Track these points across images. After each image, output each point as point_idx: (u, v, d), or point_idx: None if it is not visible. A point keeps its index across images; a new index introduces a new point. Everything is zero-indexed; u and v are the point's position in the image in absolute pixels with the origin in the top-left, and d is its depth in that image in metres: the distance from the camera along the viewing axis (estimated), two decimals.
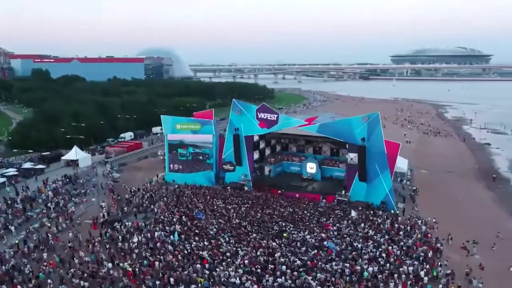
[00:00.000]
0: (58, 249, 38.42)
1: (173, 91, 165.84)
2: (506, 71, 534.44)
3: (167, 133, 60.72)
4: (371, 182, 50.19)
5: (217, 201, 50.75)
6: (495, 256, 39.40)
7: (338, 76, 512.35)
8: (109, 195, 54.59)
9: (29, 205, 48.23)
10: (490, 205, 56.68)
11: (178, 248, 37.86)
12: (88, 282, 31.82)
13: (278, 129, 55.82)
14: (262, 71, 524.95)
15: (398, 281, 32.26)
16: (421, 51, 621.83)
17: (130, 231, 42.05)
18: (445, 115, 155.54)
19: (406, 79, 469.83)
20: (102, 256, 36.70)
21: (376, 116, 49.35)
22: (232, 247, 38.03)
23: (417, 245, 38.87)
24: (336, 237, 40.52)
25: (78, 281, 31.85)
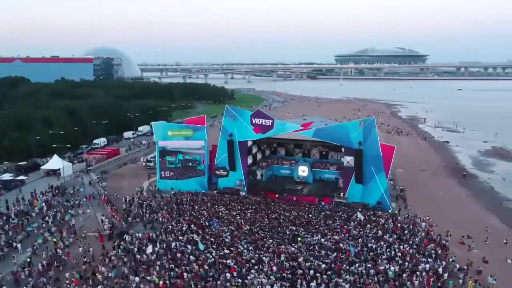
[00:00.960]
0: (74, 265, 37.15)
1: (131, 93, 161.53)
2: (441, 70, 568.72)
3: (158, 140, 59.94)
4: (367, 184, 52.58)
5: (220, 208, 51.03)
6: (489, 250, 42.59)
7: (286, 75, 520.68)
8: (104, 205, 53.17)
9: (26, 220, 46.01)
10: (468, 201, 60.98)
11: (200, 257, 37.93)
12: None
13: (273, 134, 56.94)
14: (209, 71, 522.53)
15: (420, 278, 34.41)
16: (363, 51, 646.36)
17: (143, 242, 41.45)
18: (399, 114, 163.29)
19: (352, 79, 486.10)
20: (124, 270, 36.07)
21: (372, 121, 51.81)
22: (254, 254, 38.66)
23: (424, 243, 41.50)
24: (348, 238, 42.31)
25: None
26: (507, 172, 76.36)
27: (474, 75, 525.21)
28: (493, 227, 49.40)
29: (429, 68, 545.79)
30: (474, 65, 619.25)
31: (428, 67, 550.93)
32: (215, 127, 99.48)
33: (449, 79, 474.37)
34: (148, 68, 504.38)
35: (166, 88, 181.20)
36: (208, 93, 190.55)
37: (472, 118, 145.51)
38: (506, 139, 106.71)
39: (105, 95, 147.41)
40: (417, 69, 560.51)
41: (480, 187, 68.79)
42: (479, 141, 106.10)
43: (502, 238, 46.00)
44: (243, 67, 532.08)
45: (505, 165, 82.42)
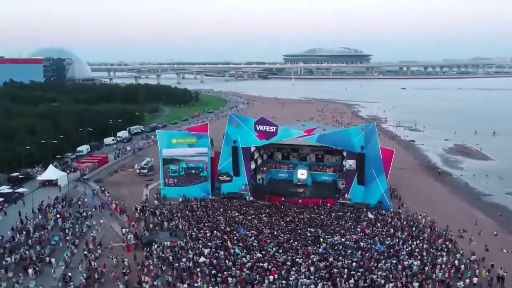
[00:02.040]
0: (116, 277, 37.78)
1: (95, 97, 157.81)
2: (385, 69, 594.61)
3: (162, 148, 60.72)
4: (368, 185, 56.52)
5: (234, 213, 52.94)
6: (485, 241, 47.55)
7: (237, 75, 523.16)
8: (116, 215, 53.44)
9: (47, 233, 45.70)
10: (450, 197, 66.76)
11: (237, 262, 39.85)
12: None
13: (278, 140, 59.54)
14: (159, 70, 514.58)
15: (442, 271, 38.41)
16: (311, 51, 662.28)
17: (174, 250, 42.66)
18: (360, 114, 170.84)
19: (302, 78, 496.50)
20: (168, 278, 37.33)
21: (373, 127, 55.87)
22: (287, 256, 41.09)
23: (433, 238, 45.83)
24: (365, 237, 45.79)
25: None
26: (475, 169, 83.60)
27: (415, 74, 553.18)
28: (481, 221, 54.92)
29: (374, 67, 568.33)
30: (415, 65, 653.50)
31: (374, 67, 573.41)
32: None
33: (393, 78, 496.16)
34: (94, 68, 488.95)
35: (130, 91, 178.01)
36: (174, 95, 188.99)
37: (426, 116, 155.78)
38: (463, 137, 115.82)
39: (68, 99, 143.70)
40: (363, 68, 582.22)
41: (456, 183, 75.15)
42: (441, 140, 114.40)
43: (491, 230, 51.53)
44: (194, 67, 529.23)
45: (471, 162, 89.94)
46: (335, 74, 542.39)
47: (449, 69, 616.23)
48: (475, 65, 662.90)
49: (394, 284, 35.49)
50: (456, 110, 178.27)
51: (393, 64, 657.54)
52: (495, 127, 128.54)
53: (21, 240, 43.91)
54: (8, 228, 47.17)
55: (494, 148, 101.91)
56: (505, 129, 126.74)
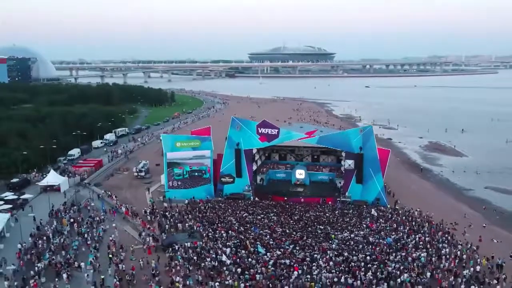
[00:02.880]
0: (147, 279, 39.25)
1: (68, 98, 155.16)
2: (349, 67, 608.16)
3: (167, 151, 62.05)
4: (366, 183, 60.10)
5: (243, 213, 55.20)
6: (476, 233, 52.04)
7: (204, 74, 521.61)
8: (127, 218, 54.54)
9: (67, 239, 46.51)
10: (435, 192, 71.55)
11: (260, 260, 42.25)
12: None
13: (279, 142, 62.16)
14: (122, 69, 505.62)
15: (448, 261, 42.24)
16: (276, 50, 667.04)
17: (197, 251, 44.53)
18: (334, 113, 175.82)
19: (270, 77, 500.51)
20: (199, 278, 39.28)
21: (370, 129, 59.55)
22: (305, 252, 43.84)
23: (433, 231, 49.81)
24: (371, 233, 49.21)
25: None
26: (452, 165, 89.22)
27: (378, 72, 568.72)
28: (469, 214, 59.60)
29: (339, 66, 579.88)
30: (377, 63, 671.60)
31: (338, 65, 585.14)
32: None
33: (356, 76, 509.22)
34: (55, 66, 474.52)
35: (104, 91, 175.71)
36: (147, 95, 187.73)
37: (396, 114, 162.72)
38: (436, 135, 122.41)
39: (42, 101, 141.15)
40: (328, 66, 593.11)
41: (438, 179, 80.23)
42: (415, 137, 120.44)
43: (479, 222, 56.22)
44: (160, 66, 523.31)
45: (448, 159, 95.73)
46: (301, 72, 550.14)
47: (409, 67, 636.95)
48: (433, 63, 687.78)
49: (409, 275, 38.89)
50: (420, 108, 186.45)
51: (357, 63, 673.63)
52: (461, 124, 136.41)
53: (44, 246, 44.53)
54: (24, 234, 47.59)
55: (465, 145, 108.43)
56: (471, 126, 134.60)
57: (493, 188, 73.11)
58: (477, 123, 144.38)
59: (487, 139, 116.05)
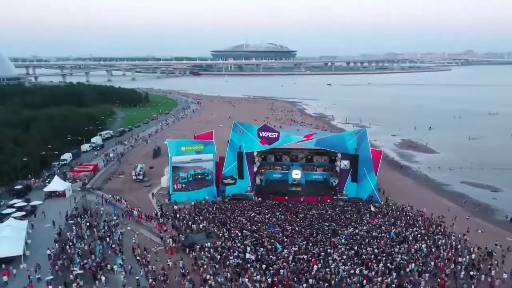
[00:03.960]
0: (180, 279, 41.95)
1: (41, 100, 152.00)
2: (311, 65, 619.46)
3: (172, 156, 64.39)
4: (360, 182, 64.89)
5: (251, 213, 58.61)
6: (462, 225, 57.74)
7: (168, 72, 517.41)
8: (140, 221, 56.67)
9: (90, 244, 48.39)
10: (418, 188, 77.50)
11: (279, 256, 45.91)
12: None
13: (279, 144, 65.95)
14: (81, 66, 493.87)
15: (445, 251, 47.44)
16: (238, 47, 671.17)
17: (218, 250, 47.59)
18: (307, 112, 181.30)
19: (235, 74, 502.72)
20: (227, 275, 42.50)
21: (364, 131, 64.41)
22: (318, 248, 47.84)
23: (427, 224, 55.13)
24: (373, 228, 53.89)
25: None
26: (427, 162, 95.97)
27: (339, 70, 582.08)
28: (452, 208, 65.47)
29: (301, 63, 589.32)
30: (338, 60, 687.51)
31: (301, 63, 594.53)
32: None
33: (319, 74, 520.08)
34: None
35: (77, 92, 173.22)
36: (123, 96, 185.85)
37: (365, 113, 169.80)
38: (406, 132, 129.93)
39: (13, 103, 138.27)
40: (291, 64, 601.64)
41: (417, 175, 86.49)
42: (389, 135, 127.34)
43: (462, 215, 62.07)
44: (123, 64, 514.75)
45: (422, 156, 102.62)
46: (264, 70, 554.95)
47: (369, 64, 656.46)
48: (391, 61, 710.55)
49: (416, 264, 43.74)
50: (386, 106, 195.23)
51: (318, 60, 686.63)
52: (428, 122, 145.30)
53: (72, 251, 46.27)
54: (45, 240, 49.13)
55: (435, 142, 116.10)
56: (437, 124, 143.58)
57: (468, 183, 79.85)
58: (442, 120, 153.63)
59: (453, 136, 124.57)
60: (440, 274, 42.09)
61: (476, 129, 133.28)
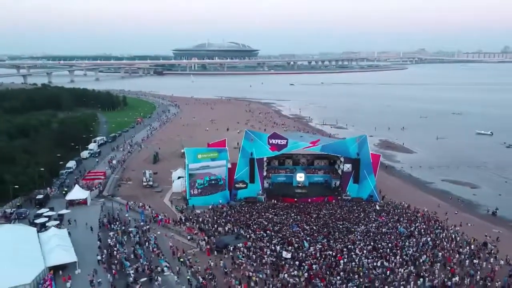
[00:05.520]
0: (228, 277, 46.63)
1: (19, 104, 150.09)
2: (274, 64, 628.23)
3: (189, 163, 68.53)
4: (361, 183, 71.55)
5: (268, 215, 63.87)
6: (452, 219, 65.34)
7: (132, 71, 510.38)
8: (167, 225, 60.64)
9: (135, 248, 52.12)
10: (406, 186, 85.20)
11: (308, 253, 51.52)
12: None
13: (288, 150, 71.57)
14: (37, 66, 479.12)
15: (447, 243, 54.66)
16: (201, 46, 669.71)
17: (251, 249, 52.57)
18: (284, 114, 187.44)
19: (200, 74, 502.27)
20: (267, 272, 47.67)
21: (365, 138, 71.29)
22: (339, 244, 53.79)
23: (425, 220, 62.38)
24: (381, 224, 60.53)
25: None
26: (408, 161, 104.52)
27: (301, 69, 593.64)
28: (440, 204, 73.34)
29: (265, 62, 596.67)
30: (300, 59, 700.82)
31: (264, 62, 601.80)
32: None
33: (282, 73, 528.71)
34: None
35: (53, 96, 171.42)
36: (100, 99, 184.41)
37: (338, 114, 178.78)
38: (382, 133, 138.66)
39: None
40: (254, 63, 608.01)
41: (402, 174, 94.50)
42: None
43: (451, 210, 69.81)
44: (84, 63, 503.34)
45: (402, 156, 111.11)
46: (228, 69, 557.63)
47: (329, 63, 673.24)
48: (350, 59, 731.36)
49: (427, 255, 50.59)
50: (355, 107, 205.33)
51: (281, 59, 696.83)
52: (398, 122, 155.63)
53: (119, 256, 49.88)
54: (86, 246, 52.27)
55: (410, 141, 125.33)
56: (407, 124, 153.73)
57: (449, 181, 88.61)
58: (410, 120, 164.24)
59: (422, 136, 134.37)
60: (448, 263, 49.06)
61: (442, 129, 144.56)
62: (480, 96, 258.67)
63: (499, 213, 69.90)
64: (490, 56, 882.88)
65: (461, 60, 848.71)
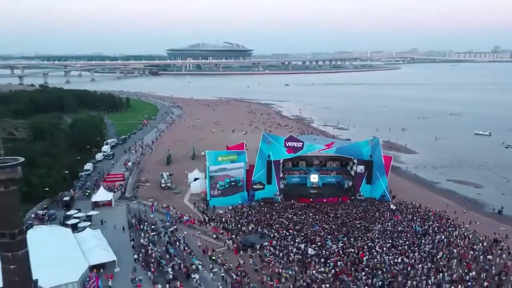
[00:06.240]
0: (259, 274, 49.43)
1: (23, 106, 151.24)
2: (268, 64, 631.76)
3: (210, 165, 71.25)
4: (373, 184, 74.75)
5: (288, 215, 66.80)
6: (462, 217, 68.62)
7: (127, 71, 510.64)
8: (193, 226, 63.30)
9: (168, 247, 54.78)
10: (413, 186, 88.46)
11: (331, 250, 54.52)
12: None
13: (303, 153, 74.59)
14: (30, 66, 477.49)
15: (461, 240, 57.98)
16: (195, 46, 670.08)
17: (277, 248, 55.44)
18: (284, 115, 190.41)
19: (196, 74, 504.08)
20: (295, 268, 50.59)
21: (377, 140, 74.59)
22: (361, 242, 56.85)
23: (437, 219, 65.69)
24: (398, 222, 63.73)
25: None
26: (412, 162, 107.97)
27: (295, 69, 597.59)
28: (448, 203, 76.73)
29: (260, 63, 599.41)
30: (295, 59, 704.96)
31: (259, 62, 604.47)
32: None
33: (276, 73, 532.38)
34: None
35: (57, 98, 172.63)
36: (100, 100, 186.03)
37: (339, 114, 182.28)
38: (384, 134, 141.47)
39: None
40: (249, 63, 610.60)
41: (408, 175, 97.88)
42: (369, 137, 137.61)
43: (459, 209, 73.13)
44: (79, 63, 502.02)
45: (406, 156, 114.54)
46: (223, 69, 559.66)
47: (323, 63, 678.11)
48: (343, 59, 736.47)
49: (443, 252, 53.85)
50: (352, 107, 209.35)
51: (275, 59, 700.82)
52: (398, 123, 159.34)
53: (154, 254, 52.49)
54: (119, 246, 54.69)
55: (411, 142, 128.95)
56: (406, 124, 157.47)
57: (453, 180, 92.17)
58: (409, 121, 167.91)
59: (422, 137, 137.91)
60: (464, 259, 52.33)
61: (441, 129, 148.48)
62: (475, 96, 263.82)
63: (505, 212, 73.27)
64: (481, 56, 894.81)
65: (452, 60, 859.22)
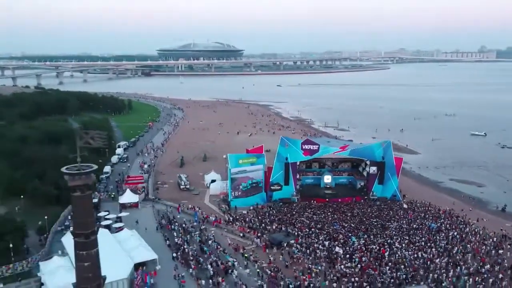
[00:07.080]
0: (294, 270, 52.98)
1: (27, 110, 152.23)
2: (259, 64, 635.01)
3: (232, 168, 74.69)
4: (385, 184, 78.90)
5: (307, 214, 70.57)
6: (469, 215, 72.81)
7: (119, 72, 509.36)
8: (219, 226, 66.66)
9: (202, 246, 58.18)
10: (419, 186, 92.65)
11: (354, 247, 58.38)
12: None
13: (319, 155, 78.39)
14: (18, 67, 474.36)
15: (473, 236, 62.28)
16: (186, 46, 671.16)
17: (304, 245, 59.12)
18: (284, 116, 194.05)
19: (188, 75, 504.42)
20: (323, 264, 54.33)
21: (389, 143, 78.75)
22: (380, 239, 60.82)
23: (448, 217, 69.99)
24: (412, 220, 67.84)
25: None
26: (414, 162, 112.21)
27: (287, 69, 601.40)
28: (454, 202, 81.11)
29: (252, 63, 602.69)
30: (287, 60, 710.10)
31: (251, 62, 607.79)
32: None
33: (268, 74, 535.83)
34: None
35: (59, 100, 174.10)
36: (105, 103, 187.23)
37: (337, 115, 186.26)
38: (383, 134, 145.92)
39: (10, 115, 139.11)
40: (241, 63, 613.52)
41: (413, 175, 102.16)
42: (369, 138, 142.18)
43: (466, 207, 77.44)
44: (70, 64, 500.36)
45: (408, 157, 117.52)
46: (215, 70, 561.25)
47: (314, 63, 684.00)
48: (333, 59, 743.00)
49: (458, 247, 58.09)
50: (349, 108, 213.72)
51: (267, 59, 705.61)
52: (396, 124, 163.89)
53: (191, 252, 55.81)
54: (154, 245, 57.81)
55: (412, 143, 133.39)
56: (404, 125, 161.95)
57: (456, 180, 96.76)
58: (405, 122, 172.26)
59: (420, 138, 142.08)
60: (477, 254, 56.61)
61: (438, 130, 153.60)
62: (467, 96, 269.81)
63: (508, 209, 77.88)
64: (468, 56, 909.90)
65: (440, 59, 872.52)
